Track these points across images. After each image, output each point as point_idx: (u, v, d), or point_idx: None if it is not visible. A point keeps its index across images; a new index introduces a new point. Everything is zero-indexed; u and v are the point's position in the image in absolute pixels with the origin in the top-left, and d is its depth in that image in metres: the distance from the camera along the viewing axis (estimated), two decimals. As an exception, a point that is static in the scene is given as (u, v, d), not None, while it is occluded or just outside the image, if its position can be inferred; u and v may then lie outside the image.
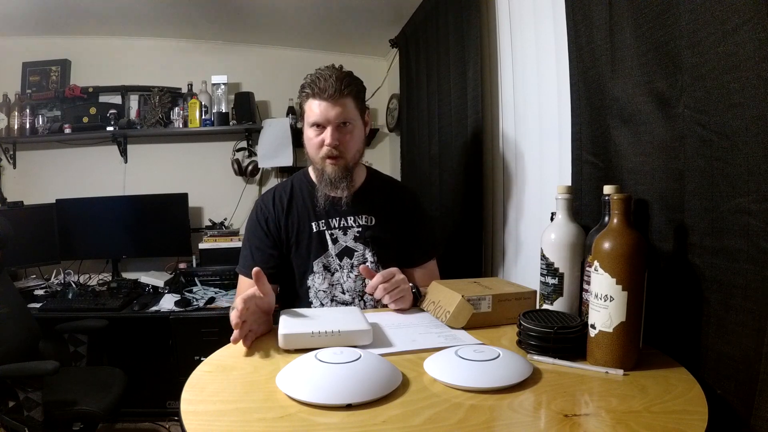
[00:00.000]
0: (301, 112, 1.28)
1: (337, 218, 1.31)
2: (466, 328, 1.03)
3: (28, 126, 2.79)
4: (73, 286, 2.67)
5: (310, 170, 1.34)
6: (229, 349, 0.94)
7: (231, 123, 2.86)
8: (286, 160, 2.88)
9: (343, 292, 1.30)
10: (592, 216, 1.06)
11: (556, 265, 0.97)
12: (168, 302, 2.45)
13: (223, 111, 2.85)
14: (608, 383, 0.77)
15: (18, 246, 2.35)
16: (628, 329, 0.79)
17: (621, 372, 0.79)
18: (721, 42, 0.74)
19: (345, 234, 1.30)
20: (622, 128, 0.99)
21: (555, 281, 0.98)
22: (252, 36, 3.00)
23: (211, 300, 2.48)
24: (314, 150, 1.26)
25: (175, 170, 3.03)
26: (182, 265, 2.79)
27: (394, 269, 1.17)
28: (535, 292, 1.06)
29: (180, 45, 3.01)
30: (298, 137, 2.33)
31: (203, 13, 2.63)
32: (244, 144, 3.04)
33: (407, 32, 2.57)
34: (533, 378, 0.78)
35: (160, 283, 2.69)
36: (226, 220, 3.00)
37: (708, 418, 0.65)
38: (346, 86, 1.21)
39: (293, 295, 1.33)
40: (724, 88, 0.74)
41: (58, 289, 2.66)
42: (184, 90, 2.93)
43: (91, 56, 2.94)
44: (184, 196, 2.82)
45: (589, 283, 0.87)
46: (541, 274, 1.00)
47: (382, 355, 0.86)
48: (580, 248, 0.96)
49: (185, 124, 2.85)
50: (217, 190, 3.06)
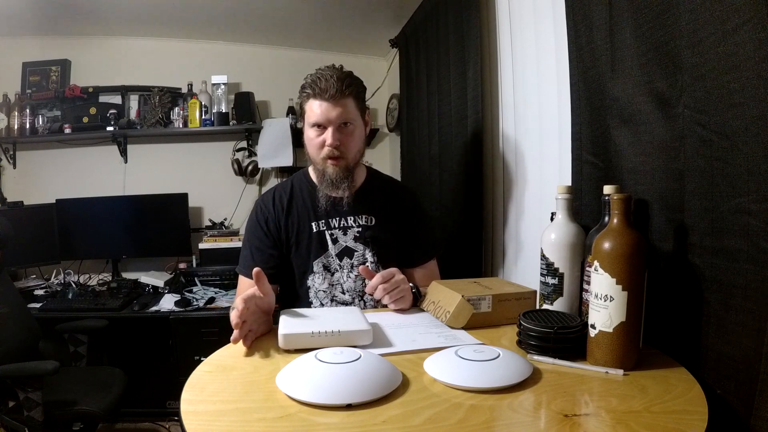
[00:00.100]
0: (302, 113, 1.28)
1: (337, 218, 1.31)
2: (466, 328, 1.03)
3: (28, 126, 2.80)
4: (73, 286, 2.67)
5: (310, 170, 1.34)
6: (229, 349, 0.94)
7: (231, 123, 2.86)
8: (286, 160, 2.88)
9: (343, 292, 1.30)
10: (592, 216, 1.06)
11: (556, 265, 0.97)
12: (168, 302, 2.45)
13: (223, 111, 2.85)
14: (608, 383, 0.77)
15: (18, 246, 2.35)
16: (628, 329, 0.79)
17: (621, 372, 0.79)
18: (721, 42, 0.74)
19: (345, 234, 1.30)
20: (622, 128, 0.99)
21: (555, 281, 0.98)
22: (252, 36, 3.00)
23: (211, 300, 2.48)
24: (315, 150, 1.26)
25: (175, 170, 3.04)
26: (182, 265, 2.79)
27: (394, 269, 1.17)
28: (535, 292, 1.07)
29: (180, 45, 3.01)
30: (298, 137, 2.33)
31: (203, 13, 2.63)
32: (244, 144, 3.05)
33: (407, 32, 2.57)
34: (533, 378, 0.78)
35: (160, 283, 2.69)
36: (226, 220, 3.00)
37: (708, 418, 0.65)
38: (346, 86, 1.21)
39: (293, 295, 1.33)
40: (724, 88, 0.74)
41: (58, 289, 2.66)
42: (184, 90, 2.93)
43: (91, 56, 2.94)
44: (184, 196, 2.82)
45: (589, 283, 0.87)
46: (541, 274, 1.00)
47: (382, 355, 0.86)
48: (580, 248, 0.96)
49: (185, 124, 2.85)
50: (217, 190, 3.06)
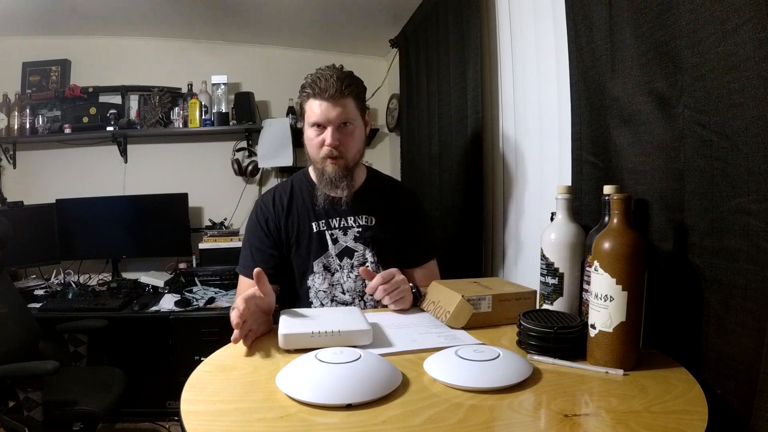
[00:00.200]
0: (302, 112, 1.28)
1: (337, 218, 1.31)
2: (466, 328, 1.03)
3: (28, 126, 2.79)
4: (73, 286, 2.67)
5: (310, 170, 1.34)
6: (229, 349, 0.94)
7: (231, 123, 2.86)
8: (286, 160, 2.88)
9: (343, 292, 1.30)
10: (592, 216, 1.06)
11: (556, 265, 0.97)
12: (168, 302, 2.45)
13: (223, 111, 2.85)
14: (608, 383, 0.77)
15: (18, 246, 2.35)
16: (628, 329, 0.79)
17: (621, 372, 0.79)
18: (721, 42, 0.74)
19: (345, 234, 1.30)
20: (622, 128, 0.99)
21: (555, 281, 0.98)
22: (252, 36, 2.99)
23: (211, 300, 2.48)
24: (315, 150, 1.26)
25: (175, 170, 3.04)
26: (182, 265, 2.79)
27: (394, 270, 1.17)
28: (535, 292, 1.07)
29: (180, 45, 3.01)
30: (298, 137, 2.33)
31: (203, 13, 2.63)
32: (244, 144, 3.05)
33: (407, 32, 2.57)
34: (533, 378, 0.78)
35: (160, 283, 2.69)
36: (226, 220, 3.00)
37: (708, 418, 0.65)
38: (346, 86, 1.21)
39: (293, 295, 1.33)
40: (724, 88, 0.74)
41: (58, 289, 2.66)
42: (184, 90, 2.93)
43: (91, 56, 2.94)
44: (184, 196, 2.82)
45: (589, 283, 0.87)
46: (541, 274, 1.00)
47: (382, 355, 0.86)
48: (580, 248, 0.96)
49: (185, 124, 2.85)
50: (217, 190, 3.06)
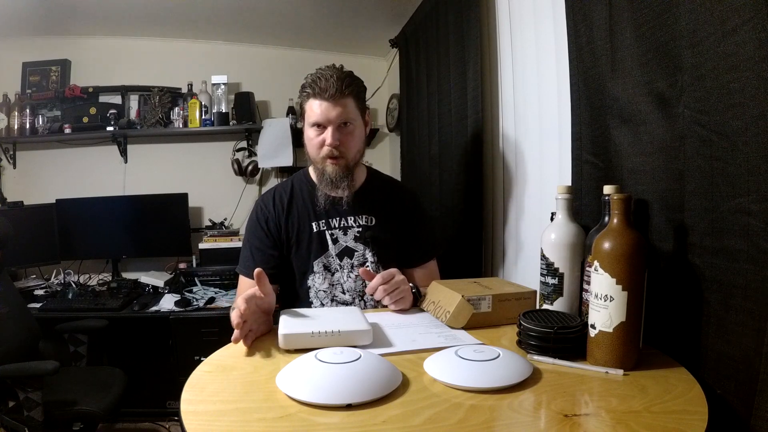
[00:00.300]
0: (302, 112, 1.28)
1: (338, 218, 1.31)
2: (466, 328, 1.03)
3: (28, 126, 2.80)
4: (73, 286, 2.67)
5: (311, 170, 1.34)
6: (229, 349, 0.94)
7: (231, 123, 2.86)
8: (286, 160, 2.88)
9: (344, 292, 1.30)
10: (592, 216, 1.06)
11: (556, 265, 0.97)
12: (168, 302, 2.45)
13: (223, 111, 2.85)
14: (608, 383, 0.77)
15: (18, 246, 2.35)
16: (628, 329, 0.79)
17: (621, 372, 0.79)
18: (721, 42, 0.74)
19: (345, 234, 1.30)
20: (622, 128, 0.99)
21: (555, 281, 0.98)
22: (252, 36, 2.99)
23: (211, 300, 2.48)
24: (315, 150, 1.26)
25: (175, 170, 3.03)
26: (182, 265, 2.79)
27: (394, 270, 1.17)
28: (535, 292, 1.07)
29: (180, 45, 3.01)
30: (298, 137, 2.33)
31: (203, 13, 2.63)
32: (244, 144, 3.05)
33: (407, 32, 2.57)
34: (533, 378, 0.78)
35: (160, 283, 2.69)
36: (226, 220, 3.00)
37: (708, 418, 0.65)
38: (347, 86, 1.21)
39: (293, 295, 1.33)
40: (724, 88, 0.74)
41: (58, 289, 2.66)
42: (184, 90, 2.93)
43: (91, 56, 2.94)
44: (184, 196, 2.82)
45: (589, 283, 0.87)
46: (541, 274, 1.00)
47: (382, 355, 0.86)
48: (580, 248, 0.96)
49: (185, 124, 2.85)
50: (217, 190, 3.06)
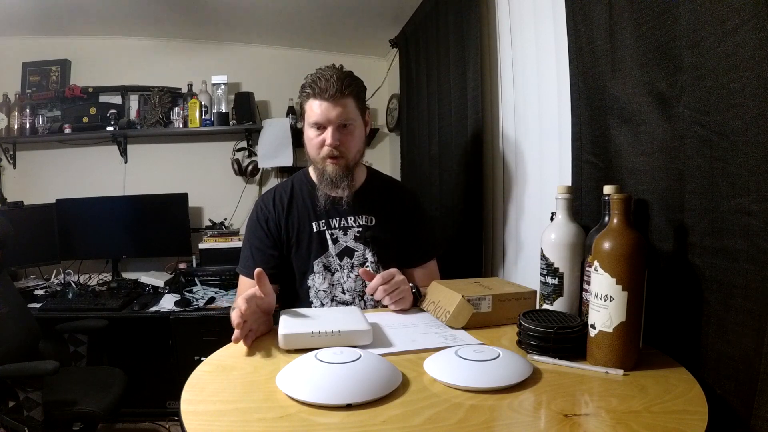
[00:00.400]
0: (302, 112, 1.28)
1: (338, 218, 1.31)
2: (466, 328, 1.03)
3: (28, 126, 2.79)
4: (73, 286, 2.67)
5: (311, 170, 1.34)
6: (229, 349, 0.95)
7: (231, 123, 2.86)
8: (286, 160, 2.88)
9: (344, 292, 1.30)
10: (592, 216, 1.06)
11: (556, 265, 0.97)
12: (168, 302, 2.45)
13: (223, 111, 2.84)
14: (608, 383, 0.77)
15: (18, 246, 2.35)
16: (628, 329, 0.79)
17: (621, 372, 0.79)
18: (721, 42, 0.74)
19: (345, 234, 1.30)
20: (622, 128, 0.99)
21: (555, 281, 0.98)
22: (252, 36, 2.99)
23: (211, 300, 2.48)
24: (315, 150, 1.26)
25: (175, 170, 3.03)
26: (182, 265, 2.78)
27: (394, 270, 1.17)
28: (535, 292, 1.07)
29: (180, 45, 3.01)
30: (298, 137, 2.33)
31: (203, 13, 2.63)
32: (244, 144, 3.04)
33: (407, 32, 2.57)
34: (533, 378, 0.78)
35: (160, 283, 2.69)
36: (226, 220, 3.00)
37: (708, 418, 0.65)
38: (346, 86, 1.21)
39: (293, 295, 1.33)
40: (724, 88, 0.74)
41: (58, 289, 2.65)
42: (184, 90, 2.93)
43: (91, 56, 2.94)
44: (184, 196, 2.82)
45: (589, 283, 0.87)
46: (541, 274, 1.00)
47: (382, 355, 0.86)
48: (580, 248, 0.96)
49: (185, 124, 2.85)
50: (217, 190, 3.06)
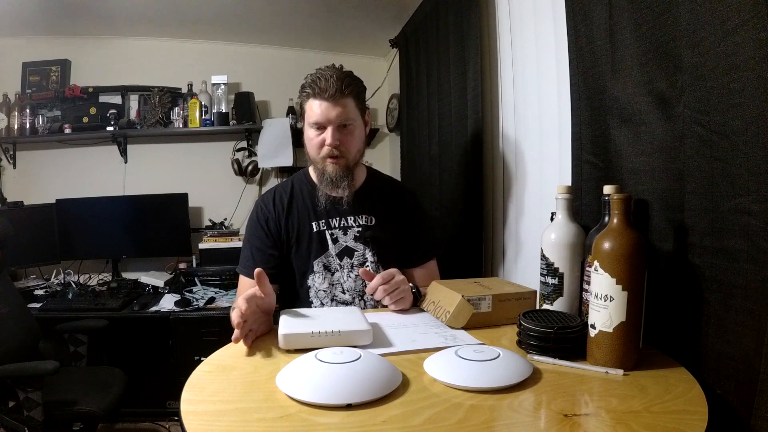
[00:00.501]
0: (302, 112, 1.28)
1: (338, 218, 1.31)
2: (466, 328, 1.03)
3: (28, 126, 2.80)
4: (73, 286, 2.67)
5: (311, 170, 1.34)
6: (229, 349, 0.95)
7: (231, 123, 2.86)
8: (286, 160, 2.88)
9: (344, 292, 1.30)
10: (592, 216, 1.06)
11: (556, 265, 0.97)
12: (168, 302, 2.45)
13: (223, 111, 2.84)
14: (608, 383, 0.77)
15: (18, 246, 2.35)
16: (628, 329, 0.79)
17: (621, 372, 0.79)
18: (721, 42, 0.74)
19: (345, 234, 1.30)
20: (622, 128, 0.99)
21: (555, 281, 0.98)
22: (252, 36, 2.99)
23: (211, 300, 2.48)
24: (315, 150, 1.26)
25: (175, 170, 3.03)
26: (182, 265, 2.78)
27: (394, 270, 1.17)
28: (535, 292, 1.06)
29: (180, 45, 3.01)
30: (298, 137, 2.33)
31: (203, 13, 2.63)
32: (244, 144, 3.04)
33: (407, 32, 2.57)
34: (533, 378, 0.78)
35: (160, 283, 2.69)
36: (226, 220, 3.00)
37: (708, 418, 0.65)
38: (346, 86, 1.21)
39: (293, 295, 1.33)
40: (724, 88, 0.74)
41: (58, 289, 2.65)
42: (184, 90, 2.93)
43: (91, 56, 2.94)
44: (184, 196, 2.82)
45: (589, 283, 0.87)
46: (541, 274, 1.00)
47: (382, 355, 0.86)
48: (580, 248, 0.96)
49: (185, 124, 2.85)
50: (217, 190, 3.06)
